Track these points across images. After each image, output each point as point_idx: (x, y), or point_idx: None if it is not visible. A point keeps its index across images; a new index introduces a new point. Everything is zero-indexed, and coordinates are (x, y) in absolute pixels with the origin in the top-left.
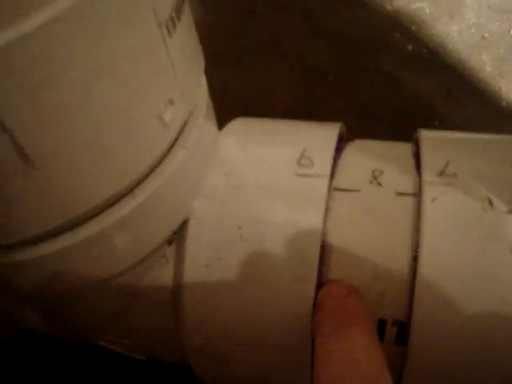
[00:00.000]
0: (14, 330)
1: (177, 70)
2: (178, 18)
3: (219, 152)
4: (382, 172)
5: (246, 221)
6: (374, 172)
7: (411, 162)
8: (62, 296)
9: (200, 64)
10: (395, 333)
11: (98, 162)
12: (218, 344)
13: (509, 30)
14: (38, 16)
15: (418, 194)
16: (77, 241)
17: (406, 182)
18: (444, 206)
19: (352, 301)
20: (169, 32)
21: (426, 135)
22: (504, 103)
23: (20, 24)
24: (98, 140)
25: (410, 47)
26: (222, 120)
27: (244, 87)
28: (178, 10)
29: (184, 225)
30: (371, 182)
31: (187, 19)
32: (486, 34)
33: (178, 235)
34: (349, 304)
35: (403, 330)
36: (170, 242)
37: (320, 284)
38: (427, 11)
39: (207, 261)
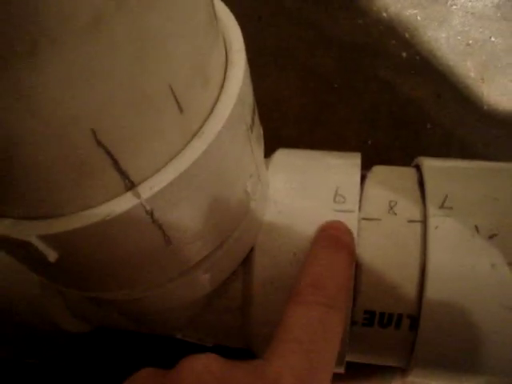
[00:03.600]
0: (92, 327)
1: (255, 154)
2: (254, 113)
3: (271, 189)
4: (396, 203)
5: (298, 249)
6: (390, 203)
7: (417, 192)
8: (161, 311)
9: (262, 135)
10: (408, 323)
11: (209, 232)
12: None
13: (490, 37)
14: None
15: (423, 221)
16: (185, 281)
17: (415, 211)
18: (444, 232)
19: (345, 236)
20: (251, 130)
21: (428, 166)
22: (485, 107)
23: None
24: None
25: (404, 54)
26: None
27: (256, 94)
28: (254, 109)
29: (251, 251)
30: (388, 212)
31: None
32: (471, 41)
33: (248, 257)
34: (343, 237)
35: (415, 321)
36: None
37: (354, 294)
38: (418, 18)
39: (269, 278)
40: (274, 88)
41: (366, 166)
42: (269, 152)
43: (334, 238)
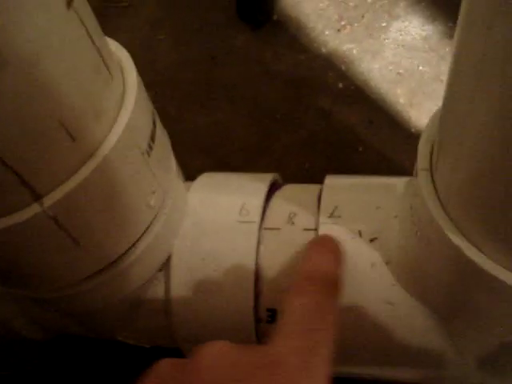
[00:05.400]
0: (51, 334)
1: (156, 174)
2: (153, 141)
3: (189, 205)
4: (296, 214)
5: (207, 254)
6: (290, 214)
7: (316, 204)
8: (92, 310)
9: (170, 158)
10: None
11: (115, 235)
12: (196, 333)
13: (418, 66)
14: None
15: (316, 229)
16: (104, 279)
17: (310, 221)
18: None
19: (330, 242)
20: (148, 154)
21: (328, 182)
22: (413, 129)
23: None
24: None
25: (340, 85)
26: (193, 153)
27: (209, 125)
28: (152, 137)
29: (169, 257)
30: (288, 222)
31: (160, 136)
32: (401, 71)
33: (166, 264)
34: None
35: None
36: (160, 269)
37: (257, 294)
38: (354, 52)
39: (185, 281)
40: (223, 120)
41: None
42: None
43: (321, 243)
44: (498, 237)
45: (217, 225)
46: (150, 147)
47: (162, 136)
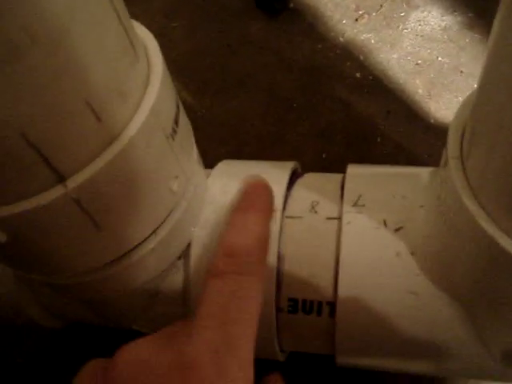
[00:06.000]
0: (65, 322)
1: (179, 159)
2: (177, 125)
3: (209, 192)
4: (318, 203)
5: None
6: (312, 203)
7: (338, 193)
8: (110, 297)
9: (192, 144)
10: (328, 310)
11: (137, 220)
12: None
13: (437, 57)
14: None
15: (340, 218)
16: (122, 266)
17: (333, 210)
18: (355, 226)
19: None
20: (172, 138)
21: (351, 171)
22: (432, 121)
23: None
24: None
25: (358, 74)
26: (209, 140)
27: (224, 113)
28: (176, 121)
29: (188, 245)
30: (310, 211)
31: (183, 120)
32: (419, 61)
33: (185, 252)
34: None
35: (333, 308)
36: (179, 257)
37: (278, 283)
38: (372, 41)
39: (204, 270)
40: (238, 109)
41: None
42: None
43: (246, 199)
44: None
45: None
46: (175, 131)
47: (185, 121)
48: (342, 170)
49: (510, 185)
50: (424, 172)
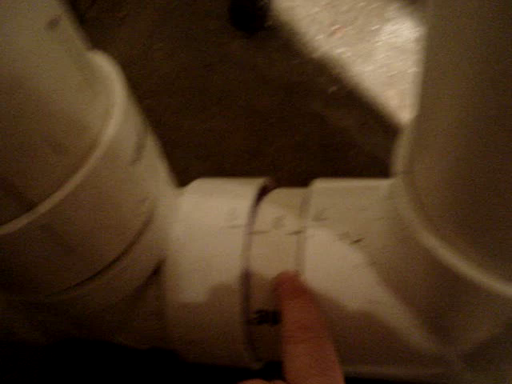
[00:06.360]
0: (53, 338)
1: (145, 182)
2: (142, 151)
3: (181, 209)
4: (283, 218)
5: (198, 258)
6: (277, 218)
7: (302, 208)
8: (88, 314)
9: (160, 165)
10: None
11: (107, 241)
12: (189, 335)
13: (410, 68)
14: None
15: (303, 232)
16: (97, 284)
17: (297, 224)
18: (318, 239)
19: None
20: (137, 164)
21: (315, 186)
22: None
23: None
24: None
25: (333, 88)
26: (190, 158)
27: (205, 132)
28: (141, 147)
29: (162, 261)
30: (275, 226)
31: (149, 144)
32: (393, 73)
33: (160, 267)
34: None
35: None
36: (155, 272)
37: (247, 296)
38: (347, 55)
39: (177, 285)
40: (218, 126)
41: None
42: None
43: (291, 289)
44: (472, 237)
45: (206, 229)
46: (139, 157)
47: (151, 144)
48: None
49: (446, 198)
50: (383, 184)
